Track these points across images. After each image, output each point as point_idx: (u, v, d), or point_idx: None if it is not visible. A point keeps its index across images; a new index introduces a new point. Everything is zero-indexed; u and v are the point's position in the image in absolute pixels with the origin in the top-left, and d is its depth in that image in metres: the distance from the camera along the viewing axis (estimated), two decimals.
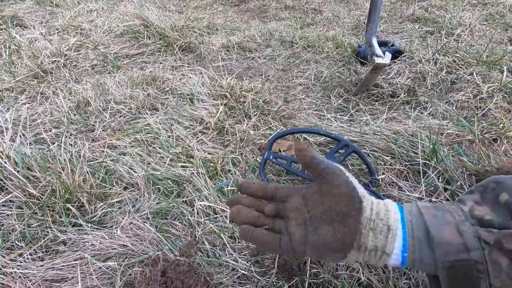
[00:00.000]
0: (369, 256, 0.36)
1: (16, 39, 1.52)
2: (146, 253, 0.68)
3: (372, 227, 0.35)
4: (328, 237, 0.36)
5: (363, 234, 0.35)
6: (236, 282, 0.64)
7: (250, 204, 0.43)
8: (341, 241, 0.36)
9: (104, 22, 1.72)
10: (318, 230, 0.37)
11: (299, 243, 0.38)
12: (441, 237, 0.33)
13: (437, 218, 0.35)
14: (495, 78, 1.17)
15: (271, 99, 1.17)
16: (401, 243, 0.35)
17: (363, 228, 0.35)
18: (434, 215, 0.36)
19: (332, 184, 0.38)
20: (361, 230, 0.35)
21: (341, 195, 0.37)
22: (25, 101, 1.18)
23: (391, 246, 0.35)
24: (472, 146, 0.92)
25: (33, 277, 0.64)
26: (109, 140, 1.00)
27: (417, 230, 0.35)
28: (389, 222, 0.36)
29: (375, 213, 0.36)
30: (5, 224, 0.75)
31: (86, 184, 0.81)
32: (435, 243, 0.33)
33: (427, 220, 0.35)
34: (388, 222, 0.36)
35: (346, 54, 1.50)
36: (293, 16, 2.06)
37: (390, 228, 0.35)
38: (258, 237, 0.39)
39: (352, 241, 0.35)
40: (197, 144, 0.97)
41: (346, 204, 0.36)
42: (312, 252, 0.37)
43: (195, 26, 1.75)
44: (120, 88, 1.24)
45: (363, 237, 0.35)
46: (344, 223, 0.36)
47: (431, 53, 1.33)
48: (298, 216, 0.39)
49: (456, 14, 1.82)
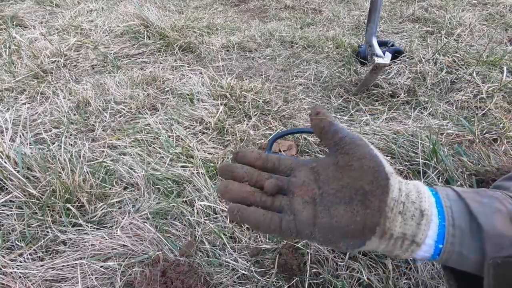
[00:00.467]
0: (394, 245, 0.30)
1: (16, 39, 1.52)
2: (146, 253, 0.68)
3: (401, 210, 0.29)
4: (343, 219, 0.30)
5: (389, 219, 0.29)
6: (236, 282, 0.64)
7: (245, 175, 0.35)
8: (360, 225, 0.29)
9: (104, 22, 1.72)
10: (331, 210, 0.31)
11: (305, 224, 0.31)
12: (493, 227, 0.28)
13: (484, 205, 0.29)
14: (495, 78, 1.17)
15: (271, 99, 1.17)
16: (436, 231, 0.29)
17: (389, 211, 0.29)
18: (479, 201, 0.30)
19: (353, 156, 0.32)
20: (387, 213, 0.29)
21: (363, 169, 0.31)
22: (25, 101, 1.18)
23: (424, 235, 0.29)
24: (472, 146, 0.92)
25: (33, 277, 0.64)
26: (109, 140, 1.00)
27: (458, 218, 0.29)
28: (423, 205, 0.29)
29: (405, 194, 0.30)
30: (5, 224, 0.75)
31: (86, 184, 0.81)
32: (485, 235, 0.28)
33: (472, 206, 0.29)
34: (421, 206, 0.29)
35: (346, 54, 1.50)
36: (293, 16, 2.06)
37: (423, 213, 0.29)
38: (250, 217, 0.32)
39: (375, 225, 0.29)
40: (197, 144, 0.97)
41: (370, 181, 0.30)
42: (322, 236, 0.31)
43: (195, 26, 1.75)
44: (120, 88, 1.24)
45: (389, 222, 0.29)
46: (366, 203, 0.30)
47: (431, 53, 1.33)
48: (305, 193, 0.33)
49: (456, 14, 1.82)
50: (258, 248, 0.69)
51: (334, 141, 0.33)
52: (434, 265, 0.64)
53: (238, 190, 0.34)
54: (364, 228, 0.29)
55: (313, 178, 0.33)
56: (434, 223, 0.29)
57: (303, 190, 0.33)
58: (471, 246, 0.28)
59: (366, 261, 0.64)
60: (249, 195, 0.34)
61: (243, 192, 0.34)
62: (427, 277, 0.62)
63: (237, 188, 0.34)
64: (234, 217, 0.32)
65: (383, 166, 0.31)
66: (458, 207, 0.30)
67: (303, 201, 0.32)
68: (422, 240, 0.29)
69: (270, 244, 0.70)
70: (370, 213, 0.29)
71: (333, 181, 0.32)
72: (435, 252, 0.29)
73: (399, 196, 0.30)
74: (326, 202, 0.31)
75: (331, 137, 0.34)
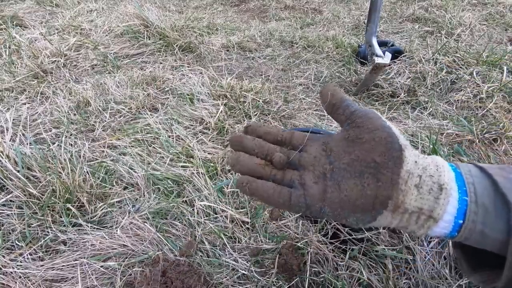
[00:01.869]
0: (409, 220, 0.28)
1: (16, 39, 1.52)
2: (146, 253, 0.68)
3: (418, 183, 0.28)
4: (354, 192, 0.29)
5: (403, 192, 0.28)
6: (236, 282, 0.64)
7: (255, 147, 0.35)
8: (371, 198, 0.28)
9: (104, 22, 1.72)
10: (341, 185, 0.30)
11: (315, 198, 0.30)
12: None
13: None
14: (495, 78, 1.17)
15: (271, 99, 1.17)
16: (456, 207, 0.27)
17: (403, 184, 0.28)
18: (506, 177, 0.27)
19: (364, 128, 0.30)
20: (400, 186, 0.28)
21: (375, 141, 0.29)
22: (25, 101, 1.18)
23: (442, 210, 0.27)
24: (472, 146, 0.92)
25: (33, 277, 0.64)
26: (109, 140, 1.00)
27: (482, 195, 0.27)
28: (441, 179, 0.28)
29: (421, 168, 0.28)
30: (5, 224, 0.75)
31: (86, 184, 0.81)
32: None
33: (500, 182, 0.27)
34: (440, 180, 0.28)
35: (346, 54, 1.50)
36: (293, 16, 2.06)
37: (442, 187, 0.27)
38: (259, 189, 0.31)
39: (387, 199, 0.28)
40: (197, 144, 0.97)
41: (382, 153, 0.29)
42: (332, 211, 0.30)
43: (195, 26, 1.75)
44: (120, 88, 1.24)
45: (403, 195, 0.28)
46: (377, 176, 0.28)
47: (431, 53, 1.33)
48: (316, 168, 0.32)
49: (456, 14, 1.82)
50: (258, 248, 0.69)
51: (345, 115, 0.33)
52: (434, 265, 0.64)
53: (248, 162, 0.33)
54: (375, 202, 0.28)
55: (325, 153, 0.33)
56: (454, 198, 0.27)
57: (314, 165, 0.32)
58: (495, 225, 0.26)
59: (366, 261, 0.64)
60: (259, 167, 0.33)
61: (253, 164, 0.33)
62: (427, 277, 0.62)
63: (247, 160, 0.33)
64: (243, 189, 0.32)
65: (396, 137, 0.29)
66: (482, 183, 0.28)
67: (314, 176, 0.32)
68: (440, 216, 0.27)
69: (270, 244, 0.70)
70: (381, 186, 0.28)
71: (344, 155, 0.31)
72: (453, 228, 0.28)
73: (415, 168, 0.28)
74: (337, 176, 0.31)
75: (342, 112, 0.33)
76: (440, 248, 0.66)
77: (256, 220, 0.75)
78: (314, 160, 0.33)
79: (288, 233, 0.72)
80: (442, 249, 0.65)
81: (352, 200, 0.29)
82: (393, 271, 0.63)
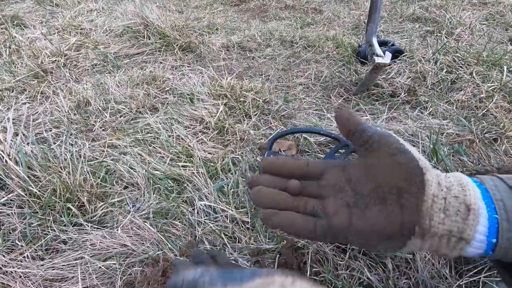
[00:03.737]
0: (439, 243, 0.28)
1: (16, 38, 1.52)
2: (146, 252, 0.68)
3: (444, 207, 0.27)
4: (379, 220, 0.28)
5: (429, 216, 0.27)
6: None
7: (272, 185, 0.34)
8: (397, 226, 0.28)
9: (104, 22, 1.72)
10: (366, 212, 0.29)
11: (340, 228, 0.30)
12: None
13: None
14: (495, 77, 1.17)
15: (271, 99, 1.17)
16: (486, 226, 0.27)
17: (428, 208, 0.27)
18: None
19: (382, 153, 0.30)
20: (425, 210, 0.27)
21: (395, 166, 0.29)
22: (26, 101, 1.18)
23: (472, 230, 0.27)
24: (472, 145, 0.92)
25: (33, 277, 0.65)
26: (109, 139, 1.00)
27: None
28: (468, 200, 0.27)
29: (445, 189, 0.28)
30: (6, 223, 0.75)
31: (86, 184, 0.81)
32: None
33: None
34: (466, 200, 0.27)
35: (346, 54, 1.50)
36: (293, 16, 2.06)
37: (470, 208, 0.27)
38: (284, 221, 0.31)
39: (414, 225, 0.27)
40: (197, 143, 0.97)
41: (403, 178, 0.28)
42: (358, 239, 0.30)
43: (195, 25, 1.75)
44: (120, 88, 1.24)
45: (430, 219, 0.27)
46: (401, 201, 0.28)
47: (431, 53, 1.33)
48: (338, 196, 0.31)
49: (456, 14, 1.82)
50: (258, 248, 0.69)
51: (362, 140, 0.32)
52: (434, 264, 0.64)
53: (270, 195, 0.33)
54: (402, 228, 0.28)
55: (345, 180, 0.32)
56: (484, 217, 0.27)
57: (335, 192, 0.32)
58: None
59: (366, 261, 0.64)
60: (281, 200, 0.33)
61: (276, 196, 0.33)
62: (427, 277, 0.62)
63: (269, 193, 0.33)
64: (269, 222, 0.31)
65: (416, 160, 0.29)
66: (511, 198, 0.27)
67: (336, 204, 0.31)
68: (472, 236, 0.27)
69: (270, 244, 0.70)
70: (406, 212, 0.28)
71: (366, 181, 0.30)
72: (488, 247, 0.27)
73: (439, 191, 0.27)
74: (360, 204, 0.30)
75: (359, 137, 0.32)
76: None
77: (256, 220, 0.75)
78: (335, 188, 0.32)
79: None
80: None
81: (379, 228, 0.28)
82: (393, 270, 0.63)
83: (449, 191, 0.28)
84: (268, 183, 0.34)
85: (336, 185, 0.32)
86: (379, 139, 0.31)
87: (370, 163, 0.31)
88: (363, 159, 0.32)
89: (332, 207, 0.31)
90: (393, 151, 0.30)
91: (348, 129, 0.33)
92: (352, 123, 0.33)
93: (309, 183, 0.34)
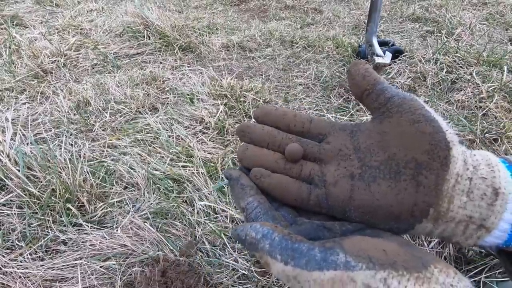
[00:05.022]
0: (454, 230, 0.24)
1: (16, 38, 1.52)
2: (146, 253, 0.68)
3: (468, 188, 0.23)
4: (388, 197, 0.24)
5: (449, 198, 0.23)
6: (236, 282, 0.64)
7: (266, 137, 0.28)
8: (408, 206, 0.24)
9: (104, 22, 1.72)
10: (372, 187, 0.25)
11: (339, 200, 0.25)
12: None
13: None
14: (495, 77, 1.17)
15: (271, 99, 1.16)
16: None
17: (450, 189, 0.23)
18: None
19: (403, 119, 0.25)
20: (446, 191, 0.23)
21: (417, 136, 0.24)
22: (25, 101, 1.18)
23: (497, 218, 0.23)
24: (473, 145, 0.92)
25: (33, 277, 0.64)
26: (109, 140, 1.00)
27: None
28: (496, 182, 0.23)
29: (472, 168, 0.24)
30: (6, 223, 0.75)
31: (86, 184, 0.81)
32: None
33: None
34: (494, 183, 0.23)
35: (346, 54, 1.50)
36: (293, 16, 2.06)
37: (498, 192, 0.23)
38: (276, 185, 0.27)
39: (428, 207, 0.23)
40: (197, 144, 0.97)
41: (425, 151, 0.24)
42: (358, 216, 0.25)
43: (195, 25, 1.75)
44: (120, 88, 1.24)
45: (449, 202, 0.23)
46: (418, 178, 0.24)
47: (431, 53, 1.33)
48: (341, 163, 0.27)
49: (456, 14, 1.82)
50: None
51: (379, 102, 0.27)
52: None
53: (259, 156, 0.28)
54: (414, 209, 0.24)
55: (352, 147, 0.27)
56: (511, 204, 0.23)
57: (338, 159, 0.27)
58: None
59: None
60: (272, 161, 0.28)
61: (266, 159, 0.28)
62: None
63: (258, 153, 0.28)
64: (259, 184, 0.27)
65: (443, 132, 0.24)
66: None
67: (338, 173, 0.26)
68: (495, 225, 0.23)
69: None
70: (423, 191, 0.23)
71: (377, 151, 0.26)
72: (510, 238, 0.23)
73: (464, 170, 0.23)
74: (367, 176, 0.25)
75: (375, 98, 0.27)
76: (441, 248, 0.66)
77: None
78: (339, 154, 0.27)
79: None
80: (443, 249, 0.65)
81: (386, 207, 0.24)
82: None
83: (475, 170, 0.24)
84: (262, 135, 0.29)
85: (340, 151, 0.27)
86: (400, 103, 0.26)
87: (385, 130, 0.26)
88: (378, 125, 0.27)
89: (332, 176, 0.26)
90: (417, 117, 0.25)
91: (364, 88, 0.27)
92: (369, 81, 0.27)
93: (308, 142, 0.28)
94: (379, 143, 0.26)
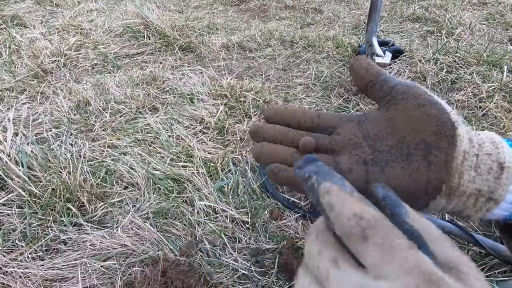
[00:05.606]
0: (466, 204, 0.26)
1: (16, 38, 1.52)
2: (146, 252, 0.68)
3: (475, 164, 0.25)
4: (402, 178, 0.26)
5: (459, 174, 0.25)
6: (236, 282, 0.64)
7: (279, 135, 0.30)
8: (422, 184, 0.25)
9: (104, 22, 1.72)
10: (386, 170, 0.26)
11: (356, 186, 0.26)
12: None
13: None
14: (495, 77, 1.17)
15: (271, 99, 1.17)
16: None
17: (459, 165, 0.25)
18: None
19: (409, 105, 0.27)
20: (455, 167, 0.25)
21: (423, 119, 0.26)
22: (26, 101, 1.18)
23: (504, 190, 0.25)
24: None
25: (33, 277, 0.65)
26: (109, 139, 1.00)
27: None
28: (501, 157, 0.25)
29: (477, 145, 0.26)
30: (6, 223, 0.75)
31: (86, 184, 0.81)
32: None
33: None
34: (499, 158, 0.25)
35: (346, 54, 1.50)
36: (293, 16, 2.06)
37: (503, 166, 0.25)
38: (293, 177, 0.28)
39: (441, 182, 0.25)
40: (198, 143, 0.97)
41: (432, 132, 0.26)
42: None
43: (195, 25, 1.75)
44: (120, 88, 1.24)
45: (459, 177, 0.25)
46: (428, 158, 0.25)
47: (431, 53, 1.33)
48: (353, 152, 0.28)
49: (456, 14, 1.82)
50: (258, 248, 0.69)
51: (383, 91, 0.28)
52: None
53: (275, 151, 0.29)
54: (428, 187, 0.25)
55: (361, 135, 0.29)
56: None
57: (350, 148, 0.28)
58: None
59: None
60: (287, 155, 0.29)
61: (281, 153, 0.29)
62: None
63: (273, 149, 0.29)
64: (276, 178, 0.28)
65: (447, 113, 0.26)
66: None
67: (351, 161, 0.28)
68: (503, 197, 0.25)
69: (270, 244, 0.70)
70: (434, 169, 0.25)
71: (387, 136, 0.27)
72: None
73: (470, 147, 0.25)
74: (380, 161, 0.27)
75: (379, 88, 0.28)
76: None
77: (256, 220, 0.75)
78: (350, 144, 0.28)
79: (288, 233, 0.72)
80: None
81: (401, 187, 0.26)
82: None
83: (481, 148, 0.26)
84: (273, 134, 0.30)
85: (351, 140, 0.29)
86: (404, 90, 0.27)
87: (392, 116, 0.28)
88: (384, 112, 0.28)
89: (346, 164, 0.27)
90: (422, 101, 0.26)
91: (368, 80, 0.29)
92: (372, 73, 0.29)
93: (319, 135, 0.30)
94: (387, 129, 0.28)
